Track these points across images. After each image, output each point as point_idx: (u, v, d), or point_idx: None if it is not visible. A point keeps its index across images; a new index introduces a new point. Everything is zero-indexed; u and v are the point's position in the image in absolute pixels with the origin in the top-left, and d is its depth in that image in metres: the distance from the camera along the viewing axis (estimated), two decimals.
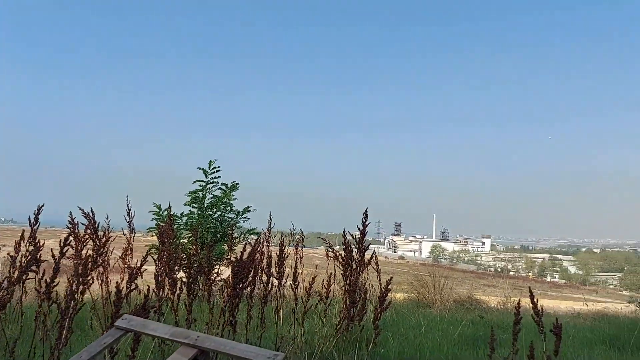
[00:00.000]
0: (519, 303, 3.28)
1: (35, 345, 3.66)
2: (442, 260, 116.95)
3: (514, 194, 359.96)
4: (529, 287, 3.47)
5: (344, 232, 4.99)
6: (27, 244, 4.72)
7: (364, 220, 4.56)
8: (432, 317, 5.94)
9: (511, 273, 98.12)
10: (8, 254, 4.35)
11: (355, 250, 4.69)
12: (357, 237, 4.77)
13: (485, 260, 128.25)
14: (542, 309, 3.31)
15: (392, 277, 3.74)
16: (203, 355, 1.89)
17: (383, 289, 3.56)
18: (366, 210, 4.56)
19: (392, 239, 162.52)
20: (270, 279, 4.14)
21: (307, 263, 7.08)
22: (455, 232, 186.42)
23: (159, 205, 6.89)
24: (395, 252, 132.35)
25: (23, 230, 4.76)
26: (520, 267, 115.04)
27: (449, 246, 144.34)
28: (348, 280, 4.24)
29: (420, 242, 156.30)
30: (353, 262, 4.55)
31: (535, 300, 3.37)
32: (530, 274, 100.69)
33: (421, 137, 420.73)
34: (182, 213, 7.04)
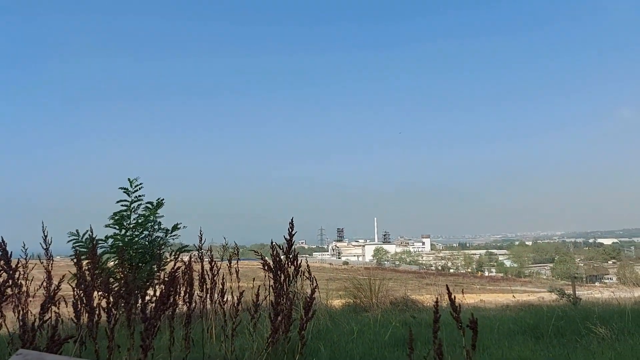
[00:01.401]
0: (437, 302, 3.36)
1: None
2: (385, 262, 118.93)
3: (449, 193, 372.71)
4: (447, 285, 3.58)
5: (272, 243, 4.98)
6: None
7: (290, 230, 4.57)
8: (366, 321, 6.01)
9: (451, 270, 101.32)
10: None
11: (284, 259, 4.70)
12: (285, 247, 4.79)
13: (426, 259, 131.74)
14: (459, 305, 3.43)
15: (316, 285, 3.76)
16: None
17: (307, 298, 3.56)
18: (292, 219, 4.58)
19: (336, 245, 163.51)
20: (194, 296, 4.05)
21: (252, 276, 6.97)
22: (396, 234, 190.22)
23: (77, 230, 6.58)
24: (339, 257, 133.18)
25: None
26: (459, 264, 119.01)
27: (391, 248, 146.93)
28: (275, 292, 4.23)
29: (363, 246, 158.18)
30: (282, 272, 4.55)
31: (453, 297, 3.50)
32: (469, 270, 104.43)
33: (353, 141, 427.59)
34: (107, 236, 6.75)
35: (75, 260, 4.56)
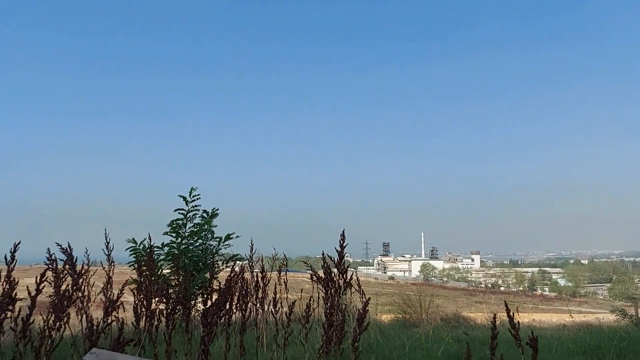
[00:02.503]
0: (494, 318, 3.30)
1: None
2: (433, 278, 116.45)
3: (500, 209, 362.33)
4: (505, 302, 3.50)
5: (323, 254, 5.00)
6: (3, 283, 4.68)
7: (341, 242, 4.56)
8: (417, 336, 5.92)
9: (502, 288, 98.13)
10: None
11: (335, 271, 4.70)
12: (336, 259, 4.78)
13: (475, 276, 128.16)
14: (518, 322, 3.35)
15: (369, 298, 3.74)
16: None
17: (361, 310, 3.56)
18: (343, 231, 4.56)
19: (381, 260, 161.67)
20: (249, 305, 4.12)
21: (297, 288, 7.03)
22: (444, 249, 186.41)
23: (133, 239, 6.82)
24: (385, 272, 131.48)
25: (0, 270, 4.73)
26: (510, 282, 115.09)
27: (439, 264, 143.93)
28: (327, 303, 4.24)
29: (410, 261, 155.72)
30: (332, 284, 4.55)
31: (511, 314, 3.41)
32: (520, 288, 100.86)
33: (403, 156, 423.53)
34: (163, 243, 6.98)
35: (135, 267, 4.75)
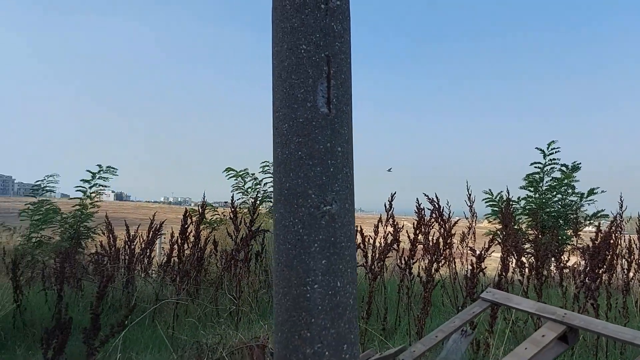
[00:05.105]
0: None
1: (399, 315, 4.25)
2: None
3: None
4: None
5: None
6: (385, 227, 5.55)
7: None
8: None
9: None
10: (368, 235, 5.18)
11: None
12: None
13: None
14: None
15: None
16: (571, 332, 1.88)
17: None
18: None
19: None
20: (632, 266, 3.75)
21: None
22: None
23: (490, 190, 6.93)
24: None
25: (380, 215, 5.64)
26: None
27: None
28: None
29: None
30: None
31: None
32: None
33: None
34: (519, 197, 6.93)
35: (499, 219, 4.89)
